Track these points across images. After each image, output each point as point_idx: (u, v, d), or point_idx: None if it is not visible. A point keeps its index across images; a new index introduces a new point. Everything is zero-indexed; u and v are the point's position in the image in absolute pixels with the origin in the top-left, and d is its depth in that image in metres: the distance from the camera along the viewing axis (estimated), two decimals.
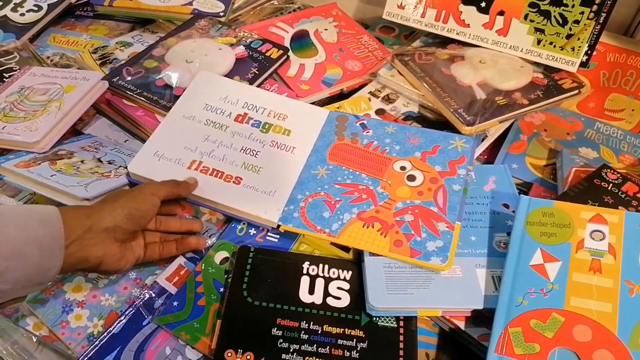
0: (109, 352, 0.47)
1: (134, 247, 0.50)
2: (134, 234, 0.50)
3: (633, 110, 0.72)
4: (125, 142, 0.66)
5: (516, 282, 0.46)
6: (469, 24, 0.73)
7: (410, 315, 0.48)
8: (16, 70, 0.71)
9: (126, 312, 0.49)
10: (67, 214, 0.44)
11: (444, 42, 0.77)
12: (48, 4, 0.83)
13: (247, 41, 0.75)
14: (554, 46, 0.70)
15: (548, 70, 0.72)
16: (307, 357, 0.46)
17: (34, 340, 0.50)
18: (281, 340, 0.47)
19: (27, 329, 0.50)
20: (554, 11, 0.69)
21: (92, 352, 0.47)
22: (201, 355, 0.47)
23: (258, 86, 0.70)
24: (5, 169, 0.54)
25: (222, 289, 0.51)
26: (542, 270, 0.47)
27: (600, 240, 0.48)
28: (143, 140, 0.66)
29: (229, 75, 0.70)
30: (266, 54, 0.74)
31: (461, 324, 0.48)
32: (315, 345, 0.47)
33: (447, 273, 0.49)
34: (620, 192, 0.59)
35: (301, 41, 0.80)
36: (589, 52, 0.69)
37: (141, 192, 0.50)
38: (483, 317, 0.47)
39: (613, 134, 0.70)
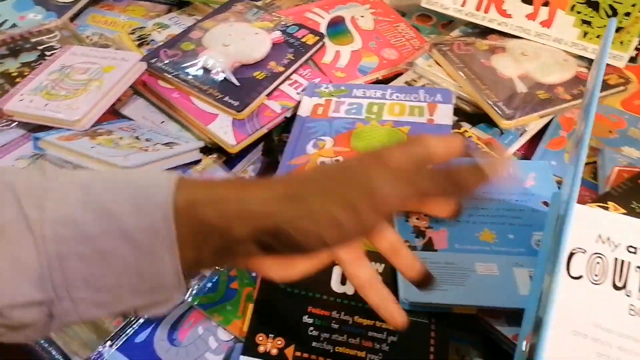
0: (145, 328, 0.48)
1: None
2: None
3: None
4: (161, 123, 0.67)
5: None
6: (511, 15, 0.71)
7: (444, 311, 0.48)
8: (57, 49, 0.72)
9: None
10: (189, 205, 0.27)
11: (484, 32, 0.75)
12: None
13: (284, 26, 0.75)
14: (601, 39, 0.67)
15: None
16: (337, 347, 0.47)
17: None
18: (312, 329, 0.47)
19: None
20: (604, 2, 0.66)
21: (128, 327, 0.48)
22: (233, 337, 0.48)
23: (293, 72, 0.70)
24: (47, 142, 0.56)
25: (254, 273, 0.52)
26: None
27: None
28: (179, 122, 0.66)
29: (265, 60, 0.70)
30: (302, 40, 0.73)
31: (495, 322, 0.47)
32: (345, 335, 0.47)
33: (483, 271, 0.48)
34: None
35: (337, 27, 0.79)
36: (639, 46, 0.66)
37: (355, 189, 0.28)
38: (518, 317, 0.47)
39: None
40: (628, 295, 0.42)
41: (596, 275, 0.42)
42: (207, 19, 0.75)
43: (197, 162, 0.62)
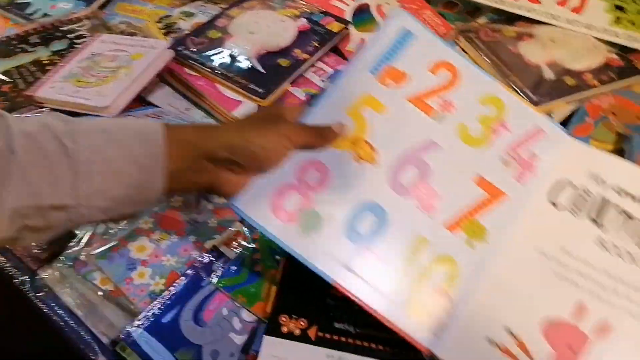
0: (171, 309, 0.49)
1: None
2: None
3: None
4: (187, 110, 0.68)
5: None
6: (540, 1, 0.70)
7: None
8: (87, 37, 0.74)
9: (186, 273, 0.52)
10: (175, 133, 0.39)
11: (511, 19, 0.74)
12: None
13: (309, 14, 0.75)
14: (634, 24, 0.66)
15: (624, 51, 0.68)
16: (358, 328, 0.47)
17: (99, 294, 0.53)
18: (334, 310, 0.48)
19: (95, 283, 0.53)
20: None
21: (155, 308, 0.49)
22: (256, 317, 0.49)
23: (318, 59, 0.70)
24: None
25: (277, 256, 0.52)
26: None
27: None
28: (204, 110, 0.67)
29: (290, 47, 0.70)
30: (327, 27, 0.73)
31: None
32: (368, 315, 0.48)
33: None
34: None
35: (362, 15, 0.79)
36: None
37: (274, 130, 0.43)
38: None
39: None
40: (601, 230, 0.46)
41: (576, 207, 0.46)
42: (233, 7, 0.76)
43: None
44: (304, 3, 0.77)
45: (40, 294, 0.53)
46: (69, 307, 0.52)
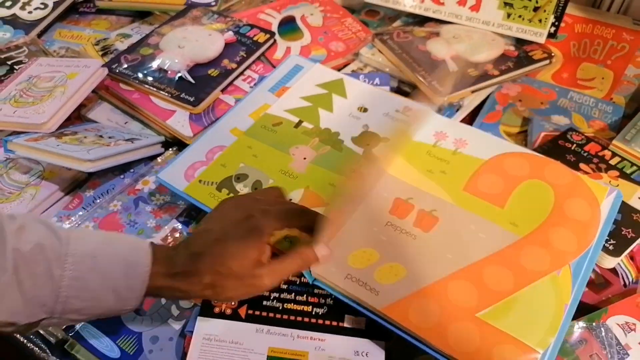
0: None
1: None
2: None
3: (603, 78, 0.75)
4: (125, 123, 0.72)
5: None
6: (443, 2, 0.78)
7: None
8: (25, 63, 0.77)
9: None
10: (163, 266, 0.42)
11: (422, 21, 0.81)
12: (54, 2, 0.89)
13: (236, 27, 0.80)
14: (523, 19, 0.73)
15: (520, 42, 0.76)
16: (285, 304, 0.52)
17: None
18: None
19: None
20: None
21: None
22: (192, 304, 0.53)
23: (246, 68, 0.76)
24: (15, 144, 0.61)
25: None
26: None
27: None
28: (141, 121, 0.71)
29: (219, 58, 0.75)
30: (254, 38, 0.79)
31: None
32: (293, 293, 0.52)
33: None
34: (582, 151, 0.63)
35: (288, 26, 0.85)
36: (556, 23, 0.72)
37: (249, 241, 0.44)
38: None
39: (585, 102, 0.74)
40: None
41: None
42: (164, 25, 0.81)
43: (158, 155, 0.67)
44: (232, 18, 0.83)
45: None
46: None
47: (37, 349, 0.53)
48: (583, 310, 0.50)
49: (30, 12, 0.88)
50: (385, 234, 0.51)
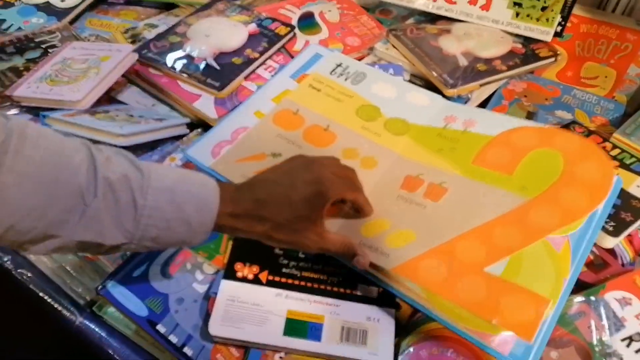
0: (140, 265, 0.56)
1: None
2: None
3: (606, 77, 0.79)
4: (152, 106, 0.76)
5: None
6: (455, 1, 0.82)
7: None
8: (59, 47, 0.82)
9: None
10: (230, 207, 0.46)
11: (434, 19, 0.85)
12: None
13: (259, 20, 0.85)
14: (531, 18, 0.78)
15: (527, 41, 0.80)
16: (303, 272, 0.55)
17: (75, 260, 0.60)
18: (282, 258, 0.56)
19: None
20: None
21: (127, 265, 0.56)
22: (216, 269, 0.57)
23: (268, 58, 0.80)
24: (52, 119, 0.65)
25: None
26: None
27: None
28: (168, 105, 0.76)
29: (242, 48, 0.79)
30: (275, 31, 0.83)
31: None
32: (310, 262, 0.56)
33: None
34: None
35: (307, 21, 0.89)
36: (563, 22, 0.76)
37: (313, 204, 0.48)
38: None
39: (588, 100, 0.78)
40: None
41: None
42: (191, 15, 0.86)
43: (184, 135, 0.71)
44: (254, 11, 0.87)
45: (20, 269, 0.58)
46: (46, 275, 0.59)
47: (65, 311, 0.57)
48: (582, 289, 0.54)
49: (62, 1, 0.92)
50: (397, 205, 0.55)
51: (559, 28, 0.76)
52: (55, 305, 0.57)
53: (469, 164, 0.57)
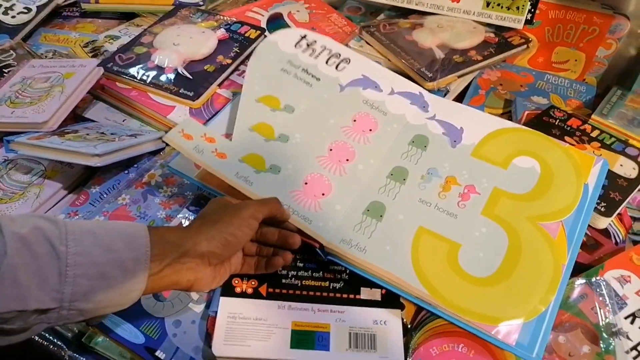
0: None
1: (231, 264, 0.50)
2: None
3: (576, 60, 0.81)
4: (123, 121, 0.72)
5: None
6: None
7: None
8: (14, 66, 0.77)
9: None
10: (158, 235, 0.43)
11: (405, 13, 0.85)
12: (37, 6, 0.89)
13: (227, 24, 0.82)
14: (501, 7, 0.78)
15: (499, 30, 0.80)
16: (303, 281, 0.54)
17: None
18: (280, 269, 0.54)
19: None
20: None
21: None
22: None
23: (241, 63, 0.77)
24: (18, 143, 0.60)
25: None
26: None
27: None
28: (139, 119, 0.72)
29: (213, 55, 0.77)
30: (245, 35, 0.81)
31: None
32: (310, 270, 0.54)
33: None
34: (565, 126, 0.68)
35: (276, 22, 0.87)
36: (532, 9, 0.78)
37: (239, 216, 0.47)
38: None
39: (561, 84, 0.79)
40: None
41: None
42: (155, 24, 0.82)
43: (161, 150, 0.68)
44: (221, 16, 0.85)
45: None
46: None
47: (52, 346, 0.53)
48: (579, 270, 0.54)
49: (13, 17, 0.87)
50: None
51: (529, 15, 0.77)
52: (41, 341, 0.54)
53: None
